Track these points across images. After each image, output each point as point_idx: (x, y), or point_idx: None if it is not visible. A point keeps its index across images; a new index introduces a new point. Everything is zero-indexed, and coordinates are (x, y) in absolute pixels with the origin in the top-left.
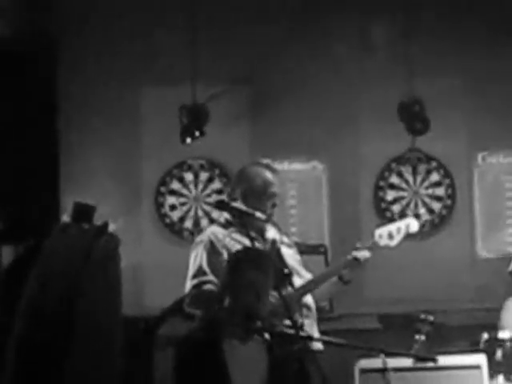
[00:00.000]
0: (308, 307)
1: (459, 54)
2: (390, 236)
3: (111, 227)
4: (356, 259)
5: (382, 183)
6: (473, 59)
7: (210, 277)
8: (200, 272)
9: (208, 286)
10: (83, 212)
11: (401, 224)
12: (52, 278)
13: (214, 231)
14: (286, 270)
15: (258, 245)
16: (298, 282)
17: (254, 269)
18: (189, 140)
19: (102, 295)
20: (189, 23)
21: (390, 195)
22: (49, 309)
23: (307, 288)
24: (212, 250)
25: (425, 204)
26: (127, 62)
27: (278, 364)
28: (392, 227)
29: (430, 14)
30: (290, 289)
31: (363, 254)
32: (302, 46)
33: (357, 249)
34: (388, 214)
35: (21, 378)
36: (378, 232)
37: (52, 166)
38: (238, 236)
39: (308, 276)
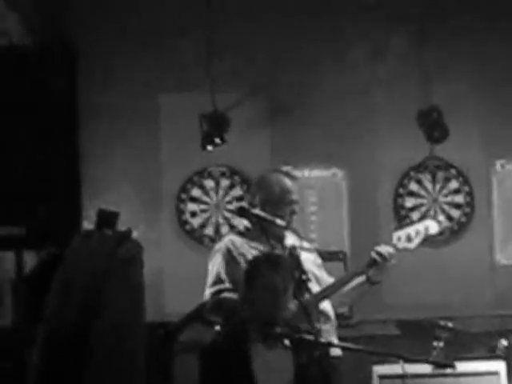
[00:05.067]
0: (326, 313)
1: (476, 62)
2: (409, 238)
3: (133, 234)
4: (380, 255)
5: (401, 190)
6: (490, 67)
7: (227, 285)
8: (218, 280)
9: (226, 294)
10: (107, 219)
11: (419, 226)
12: (75, 285)
13: (231, 239)
14: (303, 276)
15: (277, 252)
16: (315, 288)
17: (272, 271)
18: (210, 147)
19: (125, 302)
20: (208, 31)
21: (410, 202)
22: (72, 316)
23: (324, 294)
24: (229, 257)
25: (444, 211)
26: (147, 69)
27: (303, 369)
28: (411, 230)
29: (446, 22)
30: (307, 295)
31: (386, 249)
32: (320, 54)
33: (379, 246)
34: (407, 221)
35: None
36: (396, 235)
37: (73, 173)
38: (256, 243)
39: (329, 280)
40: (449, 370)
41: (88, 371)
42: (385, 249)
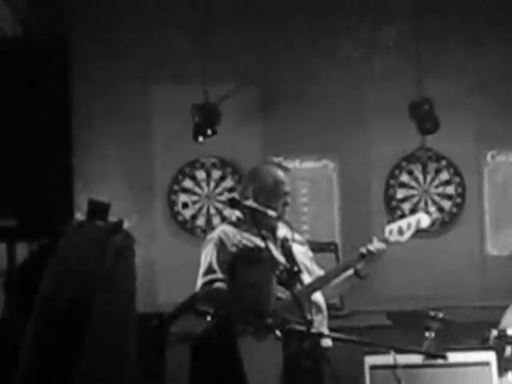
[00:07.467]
0: (317, 304)
1: (468, 54)
2: (401, 231)
3: (125, 225)
4: (369, 252)
5: (392, 181)
6: (481, 59)
7: (219, 275)
8: (210, 270)
9: (218, 284)
10: (98, 209)
11: (411, 219)
12: (66, 277)
13: (224, 229)
14: (295, 268)
15: (269, 243)
16: (307, 279)
17: (249, 268)
18: (201, 138)
19: (117, 293)
20: (200, 23)
21: (401, 193)
22: (63, 307)
23: (316, 285)
24: (222, 248)
25: (435, 202)
26: (139, 61)
27: (292, 361)
28: (402, 223)
29: (438, 15)
30: (298, 286)
31: (377, 246)
32: (312, 46)
33: (371, 241)
34: (398, 212)
35: (34, 377)
36: (388, 228)
37: (66, 164)
38: (248, 234)
39: (320, 273)
40: (440, 361)
41: (79, 361)
42: (375, 246)
